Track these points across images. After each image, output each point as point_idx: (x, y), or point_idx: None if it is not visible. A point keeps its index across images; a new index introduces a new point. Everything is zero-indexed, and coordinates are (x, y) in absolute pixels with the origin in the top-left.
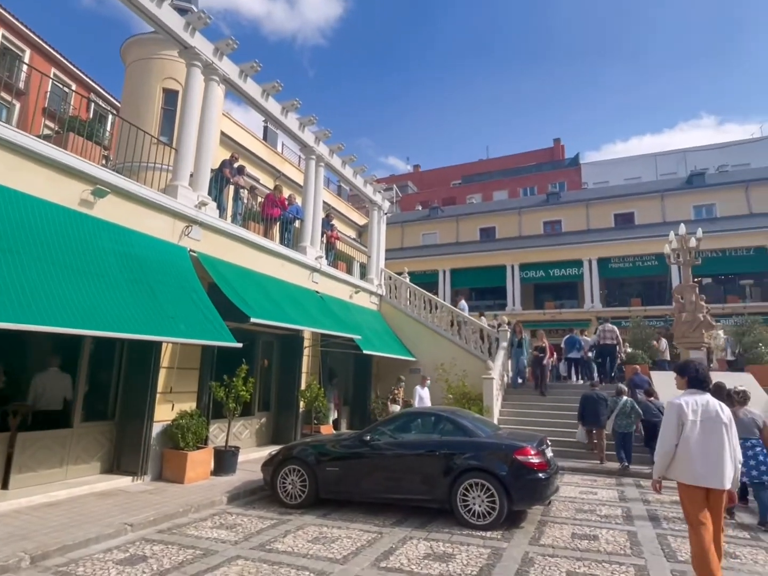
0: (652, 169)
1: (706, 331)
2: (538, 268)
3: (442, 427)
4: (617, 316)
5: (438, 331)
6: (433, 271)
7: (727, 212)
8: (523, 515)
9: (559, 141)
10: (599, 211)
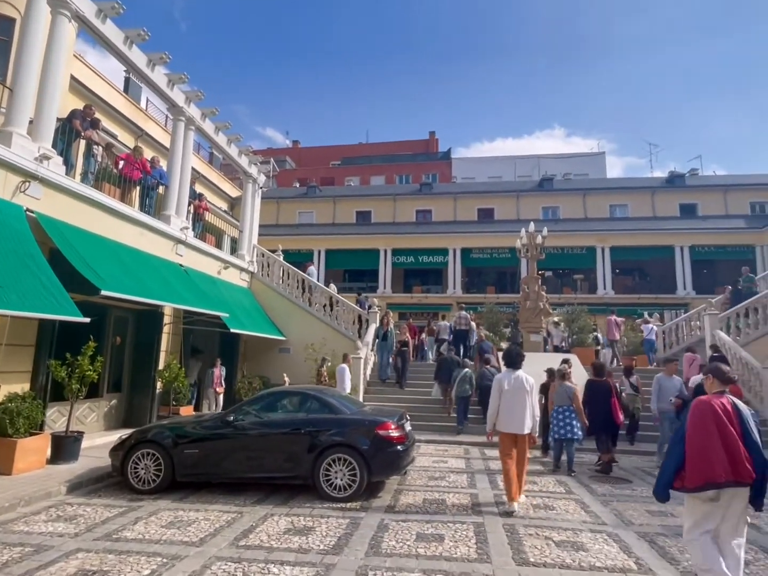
0: (512, 170)
1: (545, 317)
2: (409, 253)
3: (309, 406)
4: (474, 301)
5: (310, 311)
6: (308, 250)
7: (568, 215)
8: (381, 486)
9: (434, 134)
10: (465, 205)
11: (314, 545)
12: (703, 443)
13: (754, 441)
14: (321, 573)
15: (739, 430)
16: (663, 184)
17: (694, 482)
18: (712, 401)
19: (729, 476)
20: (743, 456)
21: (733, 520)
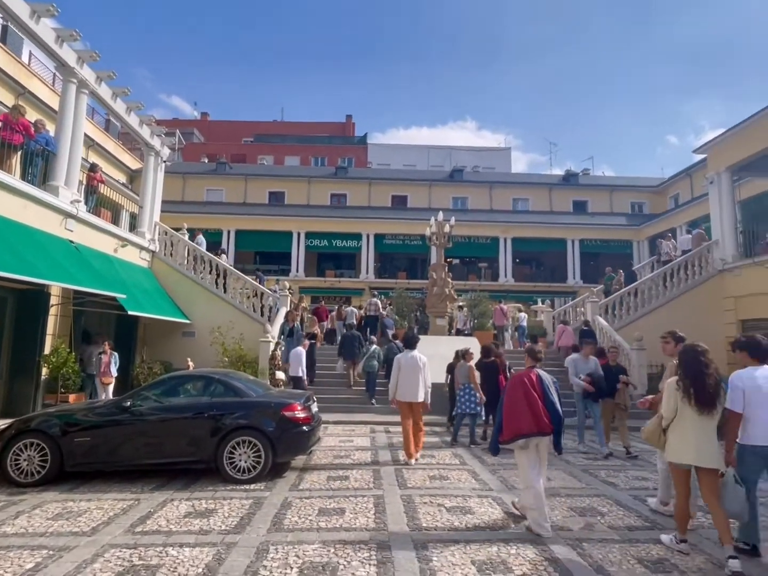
0: (425, 159)
1: (450, 303)
2: (322, 237)
3: (213, 389)
4: (386, 287)
5: (217, 293)
6: (216, 229)
7: (476, 206)
8: (286, 466)
9: (350, 118)
10: (380, 191)
11: (216, 526)
12: (513, 407)
13: (552, 402)
14: (222, 551)
15: (541, 394)
16: (559, 182)
17: (508, 435)
18: (522, 375)
19: (532, 428)
20: (543, 414)
21: (540, 463)
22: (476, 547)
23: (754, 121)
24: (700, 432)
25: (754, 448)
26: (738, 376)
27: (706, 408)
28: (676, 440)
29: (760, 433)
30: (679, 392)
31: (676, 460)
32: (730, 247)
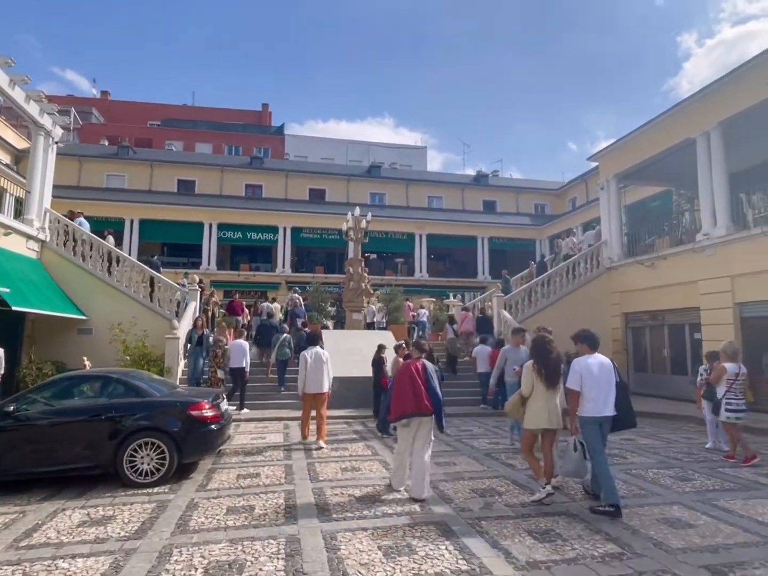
0: (344, 153)
1: (366, 297)
2: (236, 229)
3: (112, 390)
4: (303, 281)
5: (118, 287)
6: (118, 218)
7: (393, 202)
8: (194, 466)
9: (267, 107)
10: (297, 183)
11: (114, 533)
12: (399, 391)
13: (433, 387)
14: (120, 559)
15: (425, 381)
16: (471, 182)
17: (394, 415)
18: (410, 364)
19: (415, 410)
20: (425, 397)
21: (422, 440)
22: (383, 533)
23: (636, 135)
24: (549, 402)
25: (589, 418)
26: (577, 362)
27: (552, 384)
28: (533, 410)
29: (592, 406)
30: (534, 372)
31: (534, 426)
32: (616, 247)
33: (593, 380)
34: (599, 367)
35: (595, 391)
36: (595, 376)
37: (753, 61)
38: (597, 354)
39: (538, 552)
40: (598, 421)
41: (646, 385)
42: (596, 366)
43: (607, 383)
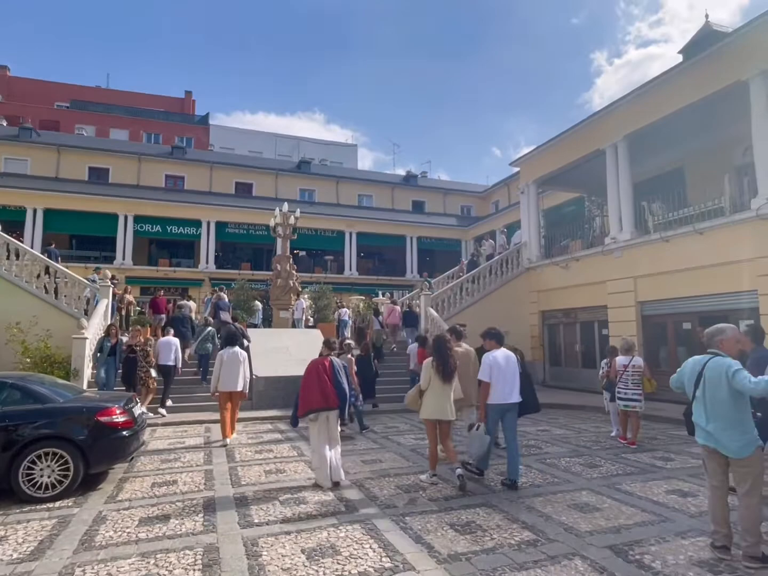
0: (272, 147)
1: (294, 295)
2: (155, 222)
3: (6, 396)
4: (228, 278)
5: (16, 283)
6: (18, 207)
7: (323, 199)
8: (103, 476)
9: (190, 95)
10: (223, 176)
11: (5, 556)
12: (307, 387)
13: (339, 383)
14: None
15: (332, 377)
16: (401, 182)
17: (302, 410)
18: (317, 362)
19: (321, 404)
20: (331, 392)
21: (331, 432)
22: (307, 536)
23: (553, 143)
24: (443, 396)
25: (496, 405)
26: (487, 356)
27: (447, 379)
28: (429, 402)
29: (497, 395)
30: (432, 368)
31: (429, 417)
32: (535, 249)
33: (500, 371)
34: (505, 360)
35: (501, 381)
36: (502, 368)
37: (653, 82)
38: (503, 348)
39: (460, 544)
40: (504, 408)
41: (560, 378)
42: (502, 359)
43: (512, 374)
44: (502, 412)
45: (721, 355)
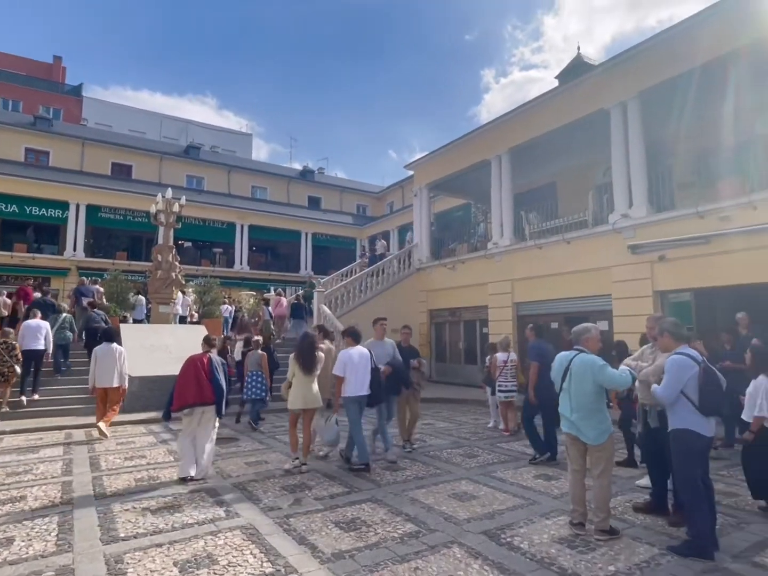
0: (157, 128)
1: (176, 288)
2: (10, 200)
3: None
4: (100, 267)
5: None
6: None
7: (213, 188)
8: None
9: (60, 61)
10: (97, 154)
11: None
12: (182, 383)
13: (216, 379)
14: None
15: (209, 373)
16: (297, 176)
17: (177, 405)
18: (195, 358)
19: (197, 400)
20: (208, 387)
21: (206, 427)
22: (181, 547)
23: (444, 151)
24: (305, 387)
25: (349, 398)
26: (343, 353)
27: (308, 371)
28: (293, 393)
29: (351, 388)
30: (295, 362)
31: (291, 407)
32: (425, 250)
33: (353, 367)
34: (359, 356)
35: (354, 375)
36: (355, 363)
37: (532, 102)
38: (359, 346)
39: (344, 542)
40: (357, 400)
41: (446, 374)
42: (357, 356)
43: (364, 369)
44: (358, 403)
45: (585, 351)
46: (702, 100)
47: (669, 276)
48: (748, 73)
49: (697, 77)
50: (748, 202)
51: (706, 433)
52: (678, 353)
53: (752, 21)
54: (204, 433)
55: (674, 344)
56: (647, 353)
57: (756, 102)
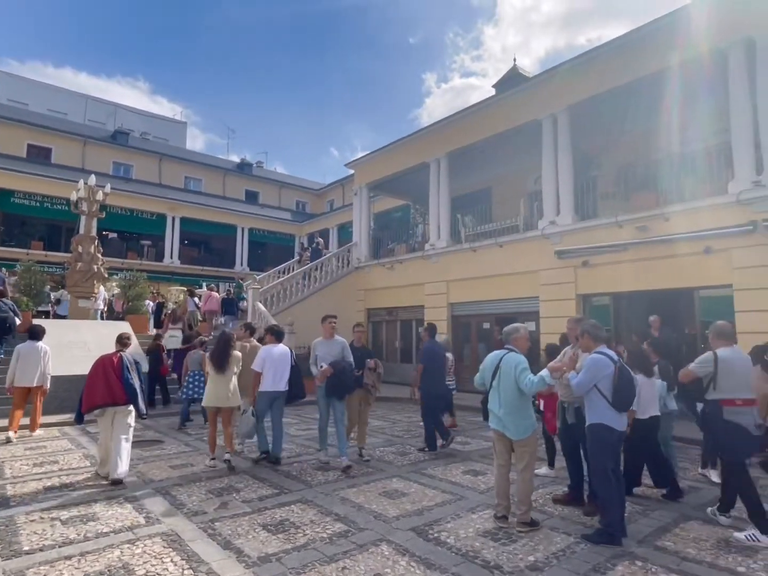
0: (82, 110)
1: (98, 282)
2: None
3: None
4: (12, 257)
5: None
6: None
7: (143, 177)
8: None
9: None
10: (11, 134)
11: None
12: (91, 384)
13: (127, 379)
14: None
15: (120, 373)
16: (235, 169)
17: (85, 407)
18: (105, 358)
19: (107, 400)
20: (118, 387)
21: (121, 427)
22: (94, 558)
23: (385, 151)
24: (220, 385)
25: (265, 393)
26: (263, 349)
27: (220, 370)
28: (207, 391)
29: (266, 383)
30: (209, 361)
31: (207, 404)
32: (364, 249)
33: (272, 363)
34: (278, 354)
35: (272, 371)
36: (274, 360)
37: (471, 109)
38: (280, 344)
39: (272, 545)
40: (272, 395)
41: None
42: (277, 353)
43: (283, 366)
44: (271, 398)
45: (515, 351)
46: (625, 117)
47: (591, 280)
48: (666, 95)
49: (620, 96)
50: (661, 214)
51: (618, 427)
52: (597, 353)
53: (671, 47)
54: (118, 434)
55: (594, 344)
56: (569, 354)
57: (671, 122)
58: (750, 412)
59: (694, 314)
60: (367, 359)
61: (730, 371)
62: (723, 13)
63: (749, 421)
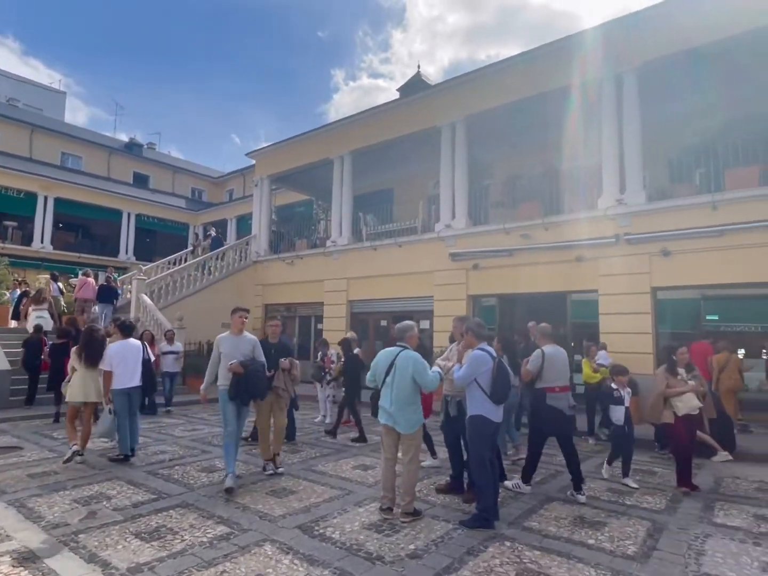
0: None
1: None
2: None
3: None
4: None
5: None
6: None
7: (9, 149)
8: None
9: None
10: None
11: None
12: None
13: None
14: None
15: None
16: (122, 148)
17: None
18: None
19: None
20: None
21: None
22: None
23: (289, 144)
24: (88, 380)
25: (119, 390)
26: (110, 347)
27: (91, 366)
28: (73, 387)
29: (119, 380)
30: (76, 356)
31: (71, 399)
32: (264, 243)
33: (121, 360)
34: (128, 349)
35: (122, 368)
36: (123, 356)
37: (375, 109)
38: (130, 339)
39: (144, 554)
40: (126, 392)
41: None
42: (125, 349)
43: (135, 362)
44: (126, 395)
45: (408, 348)
46: (516, 131)
47: (480, 282)
48: (552, 115)
49: (513, 111)
50: (542, 224)
51: (495, 419)
52: (479, 349)
53: (558, 71)
54: None
55: (476, 342)
56: (454, 350)
57: (555, 140)
58: (565, 397)
59: (566, 315)
60: (281, 359)
61: (552, 364)
62: (600, 49)
63: (564, 404)
